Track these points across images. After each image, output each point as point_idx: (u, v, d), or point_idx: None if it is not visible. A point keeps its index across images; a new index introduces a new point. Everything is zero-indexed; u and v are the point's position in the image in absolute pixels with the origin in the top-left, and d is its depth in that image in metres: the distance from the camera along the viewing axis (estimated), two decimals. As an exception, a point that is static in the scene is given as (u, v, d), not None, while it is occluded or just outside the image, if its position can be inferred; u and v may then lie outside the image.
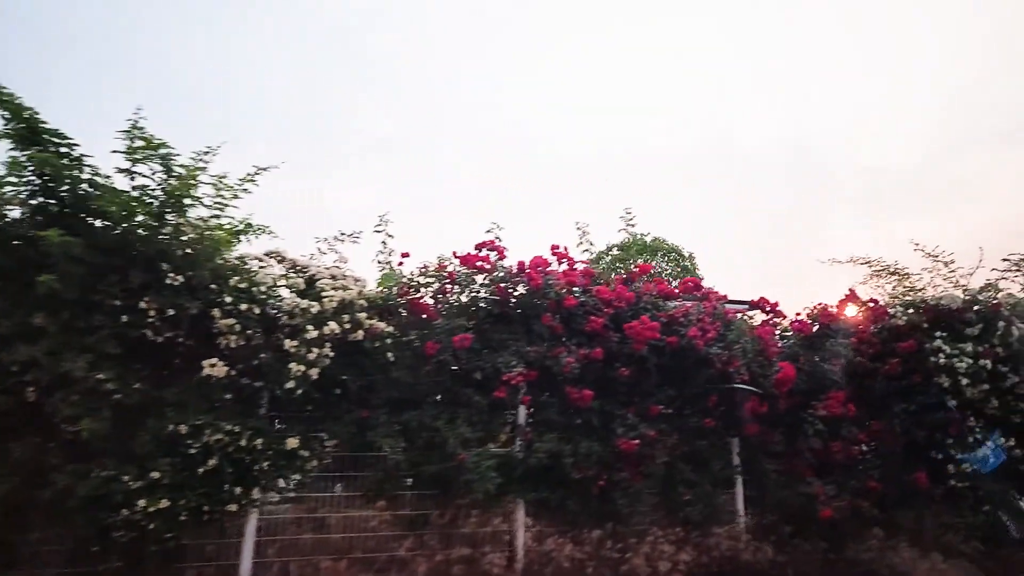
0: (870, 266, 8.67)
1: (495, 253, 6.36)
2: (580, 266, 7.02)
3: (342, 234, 6.40)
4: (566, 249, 6.67)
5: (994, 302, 7.84)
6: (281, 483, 5.30)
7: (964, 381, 7.32)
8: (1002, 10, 30.20)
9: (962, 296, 7.72)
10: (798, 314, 7.70)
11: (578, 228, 7.20)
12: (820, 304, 8.33)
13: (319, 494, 5.76)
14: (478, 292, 6.22)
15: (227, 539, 5.29)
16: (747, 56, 33.41)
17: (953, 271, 8.26)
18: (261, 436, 5.16)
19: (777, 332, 7.55)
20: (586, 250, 7.17)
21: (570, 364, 6.07)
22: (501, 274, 6.28)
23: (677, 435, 6.75)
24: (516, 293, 6.22)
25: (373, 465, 5.78)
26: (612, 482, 6.26)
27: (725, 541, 6.57)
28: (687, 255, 33.29)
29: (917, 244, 8.41)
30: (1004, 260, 8.00)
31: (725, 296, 7.69)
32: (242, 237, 5.65)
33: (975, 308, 7.70)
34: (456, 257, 6.28)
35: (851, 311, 8.42)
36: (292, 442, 5.27)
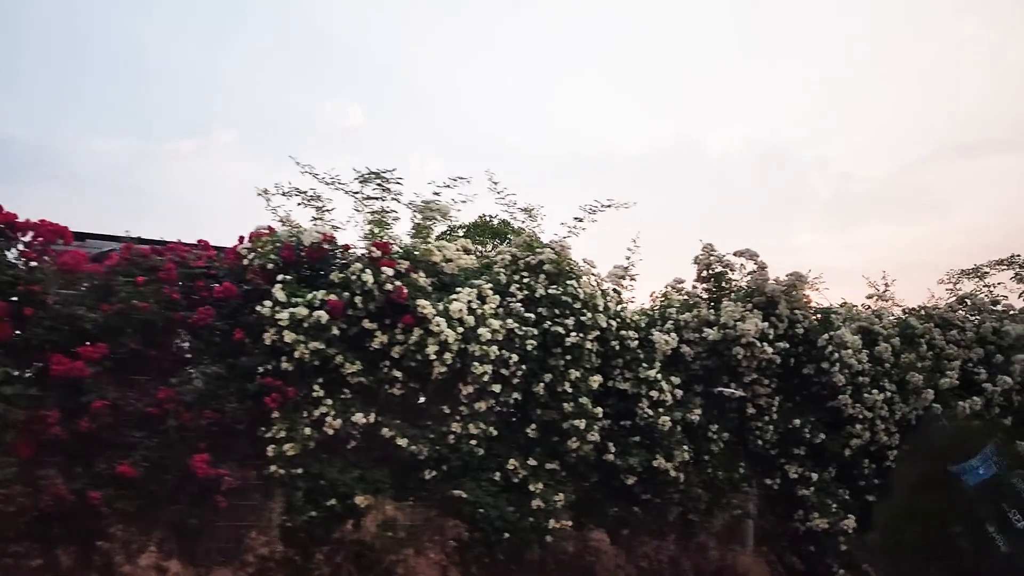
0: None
1: None
2: None
3: None
4: None
5: (343, 244, 6.34)
6: None
7: (290, 337, 5.73)
8: (972, 29, 30.04)
9: (319, 233, 6.16)
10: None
11: None
12: (203, 240, 6.67)
13: None
14: None
15: None
16: (719, 60, 32.66)
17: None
18: None
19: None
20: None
21: None
22: None
23: None
24: None
25: None
26: None
27: None
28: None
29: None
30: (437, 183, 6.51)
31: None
32: None
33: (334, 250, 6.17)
34: None
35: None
36: None
